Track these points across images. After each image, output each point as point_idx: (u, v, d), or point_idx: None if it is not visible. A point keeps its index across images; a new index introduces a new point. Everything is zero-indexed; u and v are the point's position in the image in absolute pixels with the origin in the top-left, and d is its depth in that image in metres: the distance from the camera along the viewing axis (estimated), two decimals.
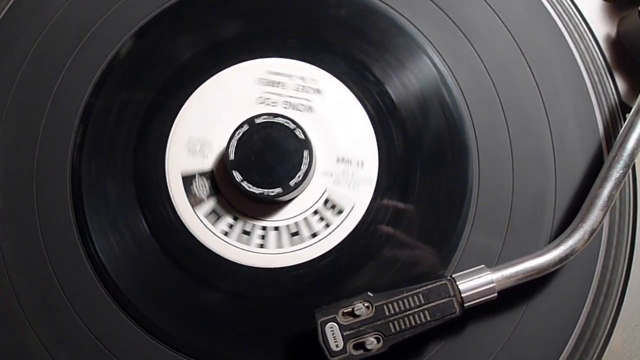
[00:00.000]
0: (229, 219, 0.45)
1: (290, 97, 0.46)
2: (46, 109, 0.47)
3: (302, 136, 0.43)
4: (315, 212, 0.45)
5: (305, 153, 0.43)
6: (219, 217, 0.45)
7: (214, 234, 0.45)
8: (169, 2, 0.48)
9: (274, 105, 0.46)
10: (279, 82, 0.46)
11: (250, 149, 0.43)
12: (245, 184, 0.43)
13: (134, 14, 0.48)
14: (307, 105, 0.46)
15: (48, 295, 0.44)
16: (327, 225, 0.44)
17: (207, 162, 0.46)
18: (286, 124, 0.43)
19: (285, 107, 0.46)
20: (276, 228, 0.45)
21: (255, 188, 0.42)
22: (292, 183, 0.43)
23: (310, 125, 0.45)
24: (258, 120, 0.43)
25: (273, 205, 0.45)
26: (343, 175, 0.45)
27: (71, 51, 0.48)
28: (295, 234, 0.45)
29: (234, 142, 0.43)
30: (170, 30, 0.48)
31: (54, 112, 0.47)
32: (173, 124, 0.46)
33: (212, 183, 0.45)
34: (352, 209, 0.45)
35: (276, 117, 0.43)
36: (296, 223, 0.45)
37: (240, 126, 0.43)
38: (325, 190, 0.45)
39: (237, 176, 0.43)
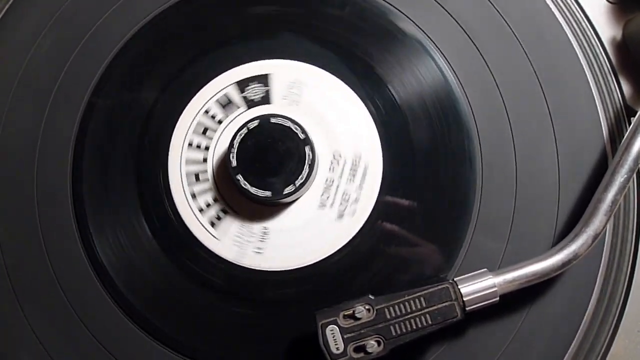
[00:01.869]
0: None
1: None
2: (47, 108, 0.47)
3: (302, 134, 0.43)
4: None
5: (307, 149, 0.43)
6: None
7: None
8: (170, 2, 0.48)
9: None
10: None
11: (252, 152, 0.43)
12: (251, 189, 0.42)
13: (135, 13, 0.48)
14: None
15: (48, 296, 0.44)
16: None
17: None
18: (284, 124, 0.43)
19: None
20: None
21: (261, 191, 0.42)
22: (297, 182, 0.42)
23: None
24: (253, 125, 0.43)
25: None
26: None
27: (72, 50, 0.47)
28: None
29: (235, 147, 0.43)
30: (171, 29, 0.47)
31: (55, 111, 0.47)
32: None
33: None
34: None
35: (274, 117, 0.43)
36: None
37: (240, 129, 0.43)
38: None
39: (243, 182, 0.42)
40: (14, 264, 0.45)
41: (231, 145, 0.43)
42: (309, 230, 0.44)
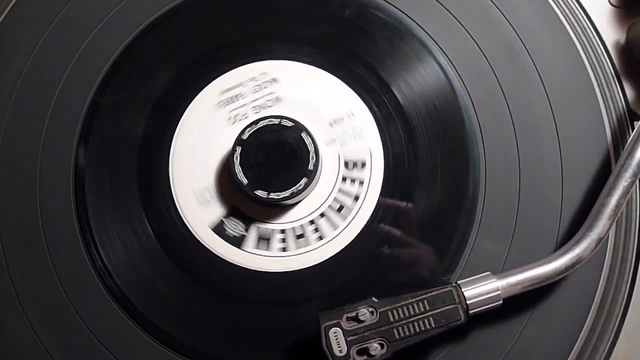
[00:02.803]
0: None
1: (254, 100, 0.46)
2: (50, 108, 0.47)
3: (290, 123, 0.43)
4: (344, 179, 0.45)
5: (303, 134, 0.43)
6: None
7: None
8: (174, 2, 0.48)
9: (245, 118, 0.46)
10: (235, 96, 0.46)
11: (257, 164, 0.43)
12: (273, 195, 0.42)
13: (138, 12, 0.48)
14: (274, 98, 0.46)
15: (50, 298, 0.44)
16: (356, 198, 0.44)
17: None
18: (271, 123, 0.43)
19: (256, 112, 0.46)
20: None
21: (283, 192, 0.42)
22: (310, 167, 0.42)
23: (289, 111, 0.45)
24: (245, 136, 0.43)
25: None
26: (344, 134, 0.45)
27: (75, 50, 0.47)
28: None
29: (238, 168, 0.42)
30: (174, 28, 0.47)
31: (58, 110, 0.47)
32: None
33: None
34: (371, 158, 0.44)
35: (257, 122, 0.43)
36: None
37: (234, 149, 0.43)
38: (339, 155, 0.45)
39: (262, 194, 0.42)
40: (17, 268, 0.45)
41: (233, 168, 0.42)
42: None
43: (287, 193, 0.42)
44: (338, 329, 0.39)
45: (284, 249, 0.44)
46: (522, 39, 0.46)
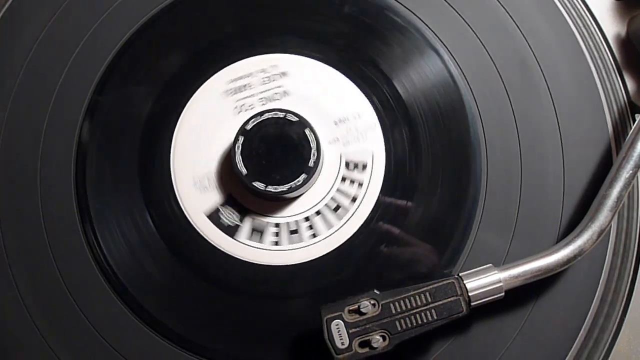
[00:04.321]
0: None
1: (262, 92, 0.46)
2: (50, 105, 0.47)
3: (295, 118, 0.43)
4: (343, 179, 0.45)
5: (307, 131, 0.43)
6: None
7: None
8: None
9: (252, 108, 0.46)
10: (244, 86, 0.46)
11: (258, 156, 0.43)
12: (270, 188, 0.42)
13: (137, 9, 0.48)
14: (282, 91, 0.46)
15: (52, 292, 0.44)
16: (353, 199, 0.44)
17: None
18: (275, 116, 0.43)
19: (263, 104, 0.46)
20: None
21: (281, 187, 0.42)
22: (310, 163, 0.42)
23: (295, 106, 0.45)
24: (249, 126, 0.43)
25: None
26: (348, 134, 0.45)
27: (74, 48, 0.47)
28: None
29: (239, 157, 0.43)
30: (173, 26, 0.47)
31: (58, 108, 0.47)
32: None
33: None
34: (373, 161, 0.45)
35: (263, 114, 0.43)
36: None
37: (237, 139, 0.43)
38: (341, 155, 0.45)
39: (260, 185, 0.42)
40: (18, 262, 0.45)
41: (234, 158, 0.43)
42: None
43: (285, 187, 0.42)
44: (340, 321, 0.39)
45: (276, 243, 0.44)
46: (524, 33, 0.46)
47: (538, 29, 0.46)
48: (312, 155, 0.43)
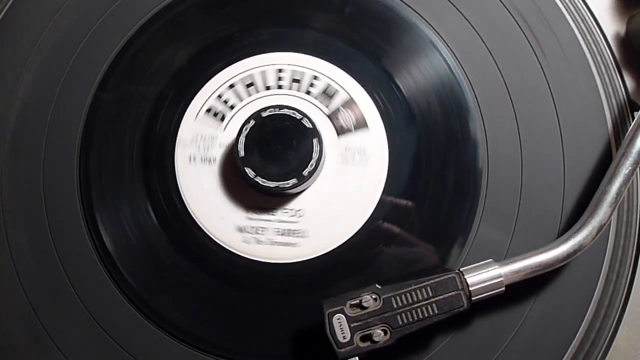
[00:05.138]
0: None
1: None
2: (53, 102, 0.47)
3: (309, 125, 0.43)
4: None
5: (315, 141, 0.43)
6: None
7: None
8: None
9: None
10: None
11: (260, 144, 0.43)
12: (259, 180, 0.42)
13: (141, 5, 0.48)
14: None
15: (55, 284, 0.45)
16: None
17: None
18: (293, 115, 0.43)
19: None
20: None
21: (269, 182, 0.42)
22: (305, 173, 0.43)
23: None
24: (265, 114, 0.43)
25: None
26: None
27: (77, 44, 0.48)
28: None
29: (243, 139, 0.43)
30: (177, 22, 0.48)
31: (61, 104, 0.47)
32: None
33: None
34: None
35: (282, 108, 0.43)
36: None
37: (247, 121, 0.43)
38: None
39: (250, 172, 0.43)
40: (22, 257, 0.45)
41: (238, 139, 0.43)
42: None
43: (271, 184, 0.42)
44: (342, 315, 0.40)
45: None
46: (524, 32, 0.46)
47: (538, 27, 0.46)
48: (309, 166, 0.43)
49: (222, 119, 0.46)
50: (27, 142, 0.47)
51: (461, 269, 0.41)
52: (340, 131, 0.45)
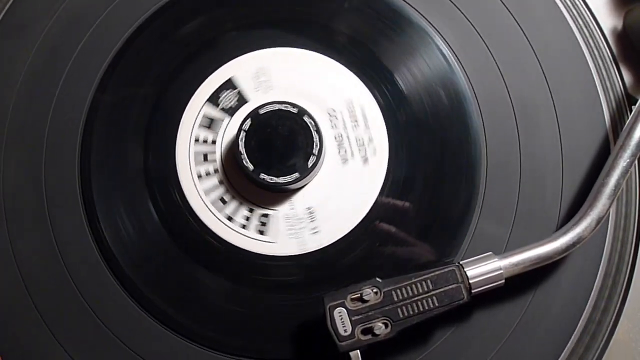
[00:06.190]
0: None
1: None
2: (53, 102, 0.47)
3: (308, 119, 0.43)
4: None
5: (306, 118, 0.43)
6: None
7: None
8: None
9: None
10: None
11: (260, 140, 0.43)
12: (261, 176, 0.43)
13: (138, 6, 0.48)
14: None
15: (57, 281, 0.45)
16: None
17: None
18: (290, 110, 0.43)
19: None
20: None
21: (270, 178, 0.43)
22: (309, 164, 0.43)
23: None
24: (262, 111, 0.43)
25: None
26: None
27: (76, 45, 0.48)
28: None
29: (242, 136, 0.43)
30: (175, 22, 0.48)
31: (61, 105, 0.47)
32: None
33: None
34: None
35: (281, 104, 0.43)
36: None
37: (245, 120, 0.43)
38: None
39: (251, 169, 0.43)
40: (24, 255, 0.45)
41: (238, 137, 0.43)
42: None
43: (273, 180, 0.43)
44: (343, 309, 0.40)
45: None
46: (521, 25, 0.46)
47: (536, 22, 0.46)
48: (310, 158, 0.43)
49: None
50: (27, 142, 0.47)
51: (461, 262, 0.41)
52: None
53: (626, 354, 0.43)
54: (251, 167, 0.43)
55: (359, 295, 0.40)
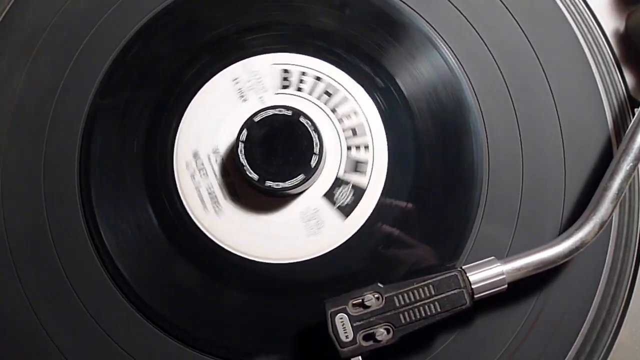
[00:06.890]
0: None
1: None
2: (53, 105, 0.47)
3: (305, 121, 0.43)
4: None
5: (302, 119, 0.43)
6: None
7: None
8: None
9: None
10: None
11: (259, 149, 0.43)
12: (269, 184, 0.42)
13: (138, 10, 0.48)
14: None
15: (55, 284, 0.45)
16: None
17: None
18: (284, 113, 0.43)
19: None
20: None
21: (277, 184, 0.42)
22: (312, 164, 0.43)
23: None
24: (257, 119, 0.43)
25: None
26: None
27: (74, 50, 0.48)
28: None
29: (241, 148, 0.43)
30: (173, 27, 0.48)
31: (61, 108, 0.47)
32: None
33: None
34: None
35: (274, 109, 0.43)
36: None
37: (241, 130, 0.43)
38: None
39: (252, 174, 0.43)
40: (22, 258, 0.45)
41: (237, 147, 0.43)
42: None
43: (276, 185, 0.42)
44: (344, 314, 0.40)
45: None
46: (523, 29, 0.46)
47: (537, 24, 0.46)
48: (313, 161, 0.43)
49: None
50: (27, 143, 0.47)
51: (463, 267, 0.41)
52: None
53: (630, 357, 0.43)
54: (256, 176, 0.42)
55: (361, 300, 0.40)
